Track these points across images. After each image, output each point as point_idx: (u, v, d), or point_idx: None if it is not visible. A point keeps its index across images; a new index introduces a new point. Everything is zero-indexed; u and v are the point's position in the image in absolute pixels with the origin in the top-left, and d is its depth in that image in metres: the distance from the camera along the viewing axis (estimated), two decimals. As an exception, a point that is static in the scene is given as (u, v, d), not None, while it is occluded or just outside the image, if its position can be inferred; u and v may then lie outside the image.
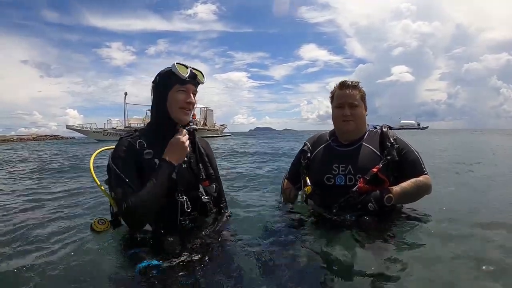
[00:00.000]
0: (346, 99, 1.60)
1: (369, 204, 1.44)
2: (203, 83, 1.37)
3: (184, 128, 1.36)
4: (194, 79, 1.33)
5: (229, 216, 1.54)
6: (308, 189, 1.63)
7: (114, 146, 1.35)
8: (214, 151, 1.63)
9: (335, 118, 1.67)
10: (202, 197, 1.41)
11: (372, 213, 1.46)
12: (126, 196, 1.16)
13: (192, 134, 1.40)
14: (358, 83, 1.63)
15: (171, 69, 1.29)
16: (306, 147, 1.78)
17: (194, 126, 1.41)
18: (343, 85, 1.63)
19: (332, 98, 1.70)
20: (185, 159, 1.35)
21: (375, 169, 1.48)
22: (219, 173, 1.56)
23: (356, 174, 1.53)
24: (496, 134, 24.20)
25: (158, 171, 1.21)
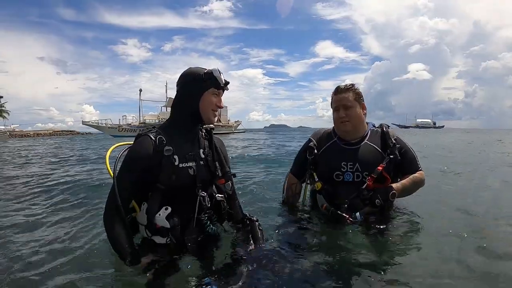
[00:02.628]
0: (340, 102, 1.74)
1: (376, 200, 1.58)
2: (228, 90, 1.44)
3: (202, 127, 1.45)
4: (226, 86, 1.40)
5: (260, 225, 1.45)
6: (318, 185, 1.73)
7: (131, 143, 1.39)
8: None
9: (334, 120, 1.82)
10: (216, 195, 1.43)
11: (377, 208, 1.61)
12: (109, 203, 1.26)
13: (209, 132, 1.47)
14: (352, 85, 1.76)
15: (210, 71, 1.33)
16: (312, 143, 1.84)
17: (211, 125, 1.46)
18: (336, 90, 1.78)
19: (331, 103, 1.83)
20: (202, 155, 1.40)
21: (380, 167, 1.62)
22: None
23: (363, 172, 1.67)
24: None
25: (124, 248, 1.21)
